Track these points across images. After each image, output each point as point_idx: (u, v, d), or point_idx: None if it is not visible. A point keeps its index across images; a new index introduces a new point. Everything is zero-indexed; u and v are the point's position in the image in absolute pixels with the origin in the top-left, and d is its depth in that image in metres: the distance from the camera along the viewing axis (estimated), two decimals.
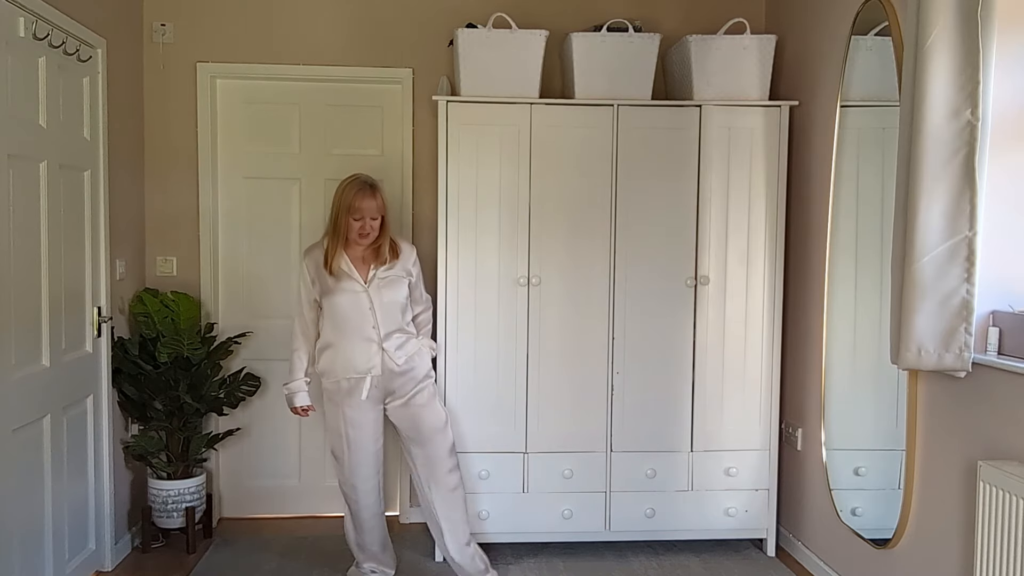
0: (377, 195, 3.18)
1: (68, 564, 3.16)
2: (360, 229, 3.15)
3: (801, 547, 3.65)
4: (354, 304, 3.19)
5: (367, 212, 3.15)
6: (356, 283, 3.19)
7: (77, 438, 3.24)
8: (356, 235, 3.17)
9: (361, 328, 3.19)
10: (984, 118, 2.42)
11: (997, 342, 2.53)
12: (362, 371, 3.20)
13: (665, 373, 3.64)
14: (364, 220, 3.15)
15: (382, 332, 3.20)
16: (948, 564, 2.64)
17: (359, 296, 3.19)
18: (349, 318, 3.19)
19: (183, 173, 3.95)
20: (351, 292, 3.18)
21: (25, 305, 2.85)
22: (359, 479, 3.26)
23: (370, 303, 3.19)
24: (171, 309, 3.71)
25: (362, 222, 3.15)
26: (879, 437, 3.19)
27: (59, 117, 3.07)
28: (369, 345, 3.19)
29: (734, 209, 3.62)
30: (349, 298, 3.18)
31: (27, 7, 2.79)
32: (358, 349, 3.19)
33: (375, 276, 3.21)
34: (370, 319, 3.19)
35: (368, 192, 3.15)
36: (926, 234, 2.46)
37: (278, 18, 3.96)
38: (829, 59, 3.40)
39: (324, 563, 3.60)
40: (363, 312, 3.19)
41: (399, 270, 3.26)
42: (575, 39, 3.55)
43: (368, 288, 3.19)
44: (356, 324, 3.19)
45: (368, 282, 3.20)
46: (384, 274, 3.22)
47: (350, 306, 3.19)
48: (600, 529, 3.67)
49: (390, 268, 3.24)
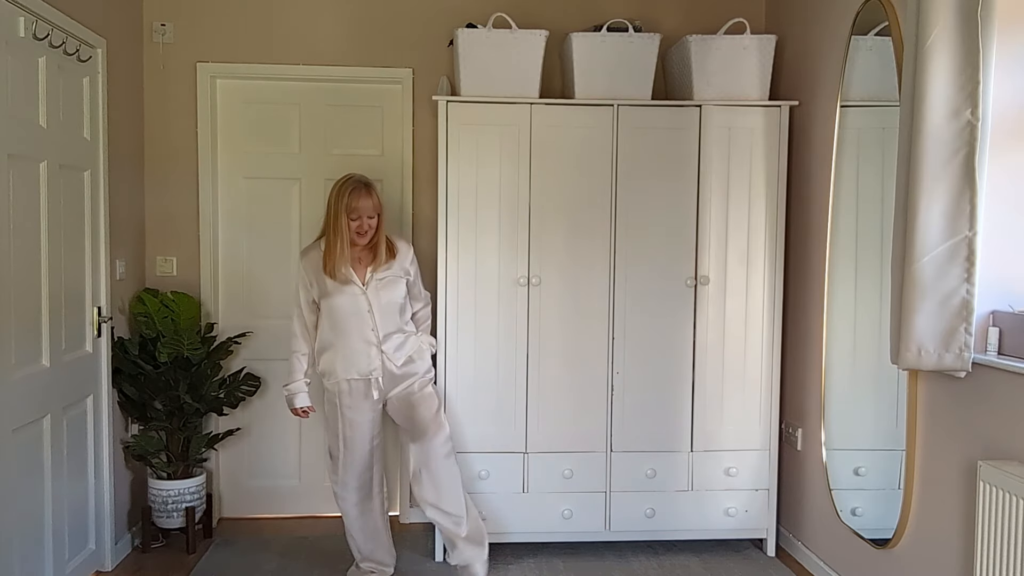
0: (373, 194, 3.18)
1: (68, 564, 3.16)
2: (358, 228, 3.16)
3: (801, 547, 3.65)
4: (352, 306, 3.20)
5: (364, 211, 3.15)
6: (355, 285, 3.20)
7: (77, 438, 3.24)
8: (354, 235, 3.17)
9: (360, 330, 3.20)
10: (984, 118, 2.42)
11: (997, 342, 2.53)
12: (363, 373, 3.22)
13: (665, 373, 3.64)
14: (361, 220, 3.16)
15: (381, 334, 3.22)
16: (948, 564, 2.64)
17: (357, 298, 3.20)
18: (348, 320, 3.20)
19: (183, 173, 3.96)
20: (349, 295, 3.19)
21: (25, 305, 2.85)
22: (351, 476, 3.28)
23: (368, 305, 3.20)
24: (171, 309, 3.71)
25: (359, 222, 3.16)
26: (879, 437, 3.19)
27: (59, 117, 3.07)
28: (368, 347, 3.21)
29: (734, 209, 3.62)
30: (347, 300, 3.19)
31: (27, 7, 2.79)
32: (358, 351, 3.21)
33: (373, 278, 3.22)
34: (369, 321, 3.21)
35: (364, 191, 3.16)
36: (926, 234, 2.46)
37: (278, 18, 3.96)
38: (829, 59, 3.40)
39: (324, 563, 3.60)
40: (362, 314, 3.20)
41: (396, 270, 3.27)
42: (575, 39, 3.55)
43: (366, 290, 3.20)
44: (355, 326, 3.20)
45: (366, 284, 3.21)
46: (382, 275, 3.23)
47: (348, 308, 3.20)
48: (600, 529, 3.67)
49: (387, 269, 3.24)
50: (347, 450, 3.26)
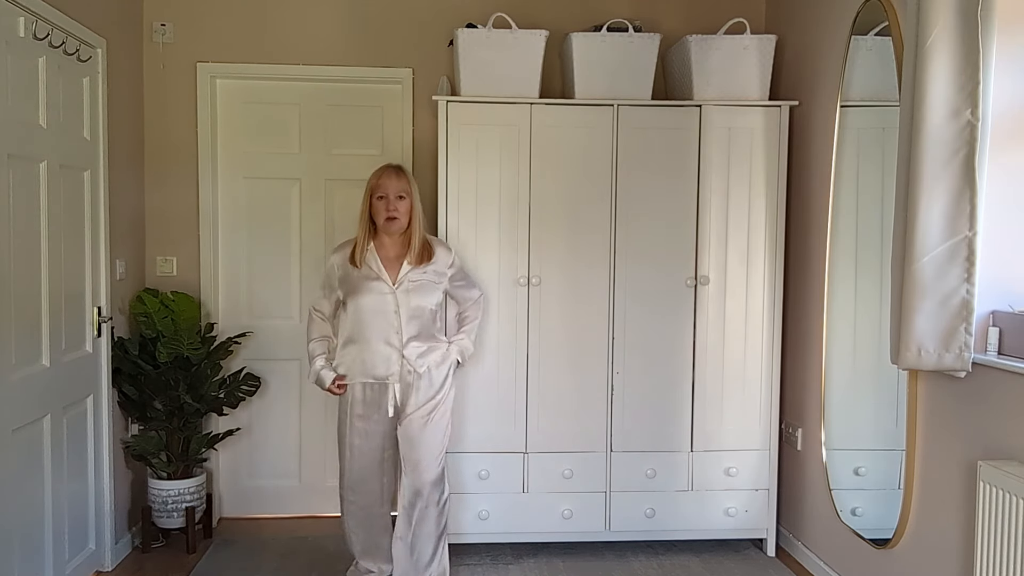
0: (403, 175, 3.11)
1: (68, 564, 3.16)
2: (386, 209, 3.06)
3: (801, 547, 3.65)
4: (379, 306, 3.09)
5: (391, 190, 3.07)
6: (384, 284, 3.09)
7: (77, 438, 3.24)
8: (383, 219, 3.07)
9: (383, 331, 3.09)
10: (984, 118, 2.42)
11: (997, 342, 2.53)
12: (380, 376, 3.11)
13: (665, 373, 3.64)
14: (387, 198, 3.07)
15: (404, 337, 3.10)
16: (948, 564, 2.64)
17: (385, 298, 3.09)
18: (372, 320, 3.09)
19: (183, 173, 3.95)
20: (378, 293, 3.09)
21: (25, 305, 2.85)
22: (357, 483, 3.20)
23: (396, 306, 3.09)
24: (171, 309, 3.71)
25: (386, 200, 3.07)
26: (879, 437, 3.19)
27: (59, 117, 3.06)
28: (390, 350, 3.10)
29: (734, 209, 3.62)
30: (375, 299, 3.09)
31: (27, 7, 2.79)
32: (377, 353, 3.10)
33: (405, 277, 3.11)
34: (394, 323, 3.09)
35: (392, 171, 3.10)
36: (926, 234, 2.46)
37: (278, 18, 3.96)
38: (829, 59, 3.40)
39: (324, 563, 3.60)
40: (387, 315, 3.09)
41: (432, 274, 3.16)
42: (575, 39, 3.55)
43: (396, 290, 3.09)
44: (379, 327, 3.09)
45: (396, 284, 3.10)
46: (416, 276, 3.12)
47: (375, 308, 3.09)
48: (600, 529, 3.67)
49: (423, 271, 3.13)
50: (353, 457, 3.17)
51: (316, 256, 4.07)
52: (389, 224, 3.09)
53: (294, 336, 4.06)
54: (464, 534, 3.60)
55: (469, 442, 3.59)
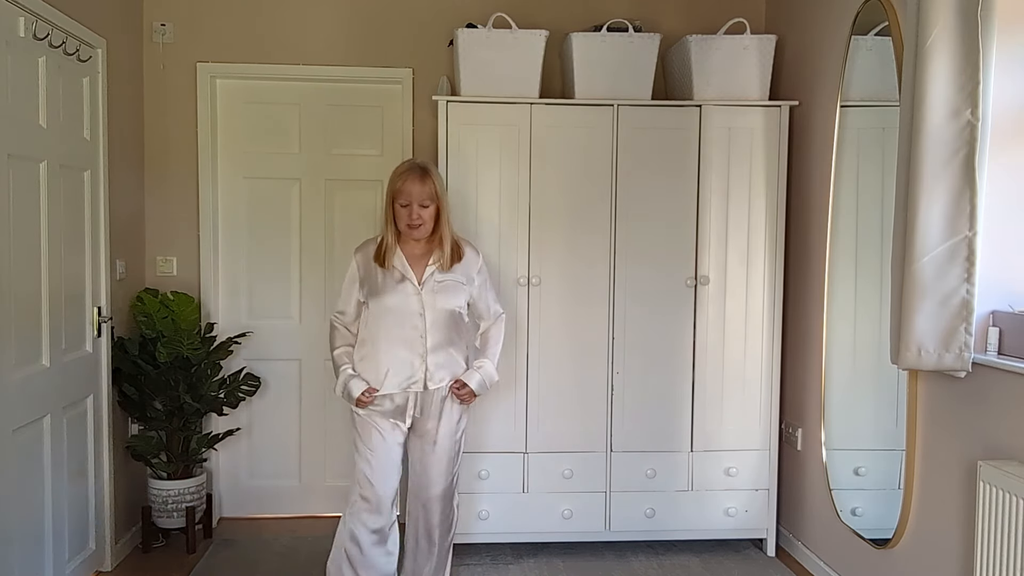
0: (428, 180, 2.84)
1: (68, 564, 3.16)
2: (409, 217, 2.84)
3: (801, 547, 3.65)
4: (403, 306, 2.87)
5: (415, 198, 2.82)
6: (409, 283, 2.88)
7: (77, 438, 3.24)
8: (405, 225, 2.85)
9: (407, 336, 2.88)
10: (984, 118, 2.42)
11: (997, 342, 2.53)
12: (402, 385, 2.90)
13: (665, 373, 3.64)
14: (411, 206, 2.83)
15: (429, 343, 2.88)
16: (948, 564, 2.64)
17: (410, 299, 2.87)
18: (396, 323, 2.88)
19: (183, 173, 3.95)
20: (403, 294, 2.87)
21: (25, 305, 2.85)
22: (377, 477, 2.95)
23: (421, 308, 2.87)
24: (171, 309, 3.71)
25: (409, 208, 2.83)
26: (879, 437, 3.19)
27: (59, 117, 3.06)
28: (413, 357, 2.88)
29: (734, 209, 3.62)
30: (399, 300, 2.87)
31: (27, 7, 2.79)
32: (400, 359, 2.88)
33: (431, 278, 2.90)
34: (419, 326, 2.88)
35: (416, 175, 2.84)
36: (926, 234, 2.46)
37: (278, 18, 3.96)
38: (829, 59, 3.40)
39: (324, 563, 3.59)
40: (412, 317, 2.87)
41: (459, 275, 2.94)
42: (575, 39, 3.55)
43: (422, 290, 2.88)
44: (403, 331, 2.88)
45: (422, 284, 2.89)
46: (442, 277, 2.91)
47: (399, 309, 2.87)
48: (600, 529, 3.67)
49: (450, 272, 2.93)
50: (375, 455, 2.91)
51: (316, 256, 4.07)
52: (412, 231, 2.89)
53: (294, 336, 4.07)
54: (464, 534, 3.59)
55: (469, 442, 3.58)
